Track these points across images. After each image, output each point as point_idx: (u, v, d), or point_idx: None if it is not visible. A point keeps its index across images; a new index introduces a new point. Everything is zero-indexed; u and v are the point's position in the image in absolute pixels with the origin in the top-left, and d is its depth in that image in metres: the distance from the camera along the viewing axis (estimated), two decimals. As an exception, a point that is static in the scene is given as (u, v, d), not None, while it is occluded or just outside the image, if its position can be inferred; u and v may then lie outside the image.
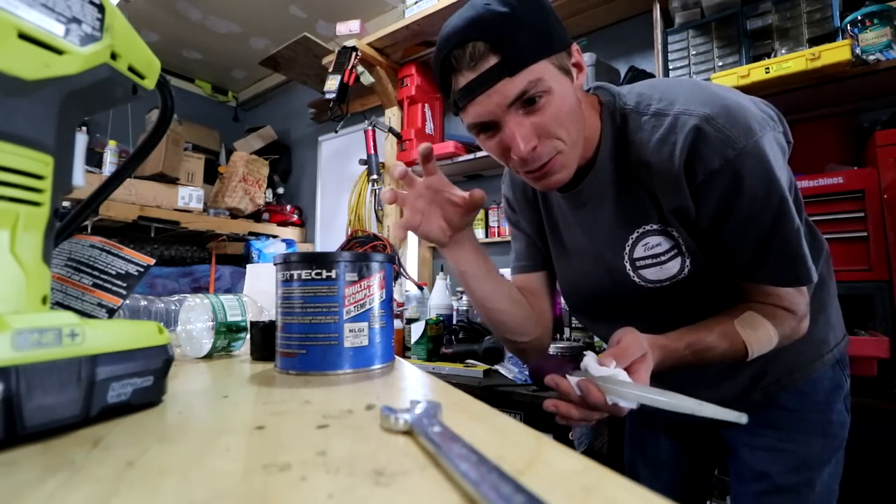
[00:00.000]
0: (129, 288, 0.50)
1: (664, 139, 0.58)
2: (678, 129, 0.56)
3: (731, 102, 0.57)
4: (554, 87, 0.56)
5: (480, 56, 0.54)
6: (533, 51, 0.54)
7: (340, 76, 2.02)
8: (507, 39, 0.53)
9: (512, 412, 1.18)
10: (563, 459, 0.23)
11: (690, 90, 0.60)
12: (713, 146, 0.54)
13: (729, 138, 0.54)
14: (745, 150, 0.54)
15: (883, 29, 1.21)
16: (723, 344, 0.59)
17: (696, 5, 1.52)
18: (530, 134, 0.56)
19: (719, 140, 0.54)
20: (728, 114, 0.55)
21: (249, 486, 0.20)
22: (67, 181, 0.31)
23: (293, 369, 0.47)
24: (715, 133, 0.54)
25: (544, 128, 0.57)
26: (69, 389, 0.26)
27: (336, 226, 3.08)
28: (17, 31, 0.26)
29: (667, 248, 0.63)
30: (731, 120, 0.55)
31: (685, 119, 0.56)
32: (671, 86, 0.62)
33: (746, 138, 0.54)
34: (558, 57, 0.57)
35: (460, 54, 0.55)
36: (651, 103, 0.61)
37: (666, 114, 0.58)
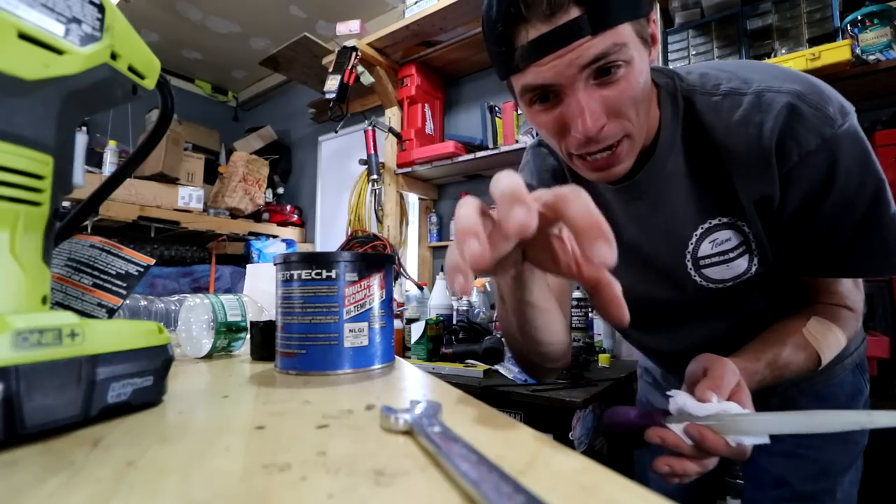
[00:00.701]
0: (129, 288, 0.50)
1: (748, 119, 0.51)
2: (765, 108, 0.50)
3: (814, 79, 0.51)
4: (635, 57, 0.48)
5: (560, 5, 0.44)
6: (621, 8, 0.45)
7: (340, 76, 2.02)
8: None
9: (512, 412, 1.18)
10: (563, 459, 0.23)
11: (759, 68, 0.54)
12: (809, 124, 0.48)
13: (827, 116, 0.48)
14: (842, 130, 0.48)
15: (883, 29, 1.21)
16: (798, 357, 0.54)
17: (696, 5, 1.52)
18: (600, 110, 0.48)
19: (816, 118, 0.48)
20: (820, 91, 0.50)
21: (249, 486, 0.20)
22: (67, 181, 0.31)
23: (293, 369, 0.47)
24: (810, 110, 0.49)
25: (616, 105, 0.48)
26: (69, 389, 0.26)
27: (336, 226, 3.08)
28: (17, 31, 0.26)
29: (736, 244, 0.57)
30: (824, 98, 0.49)
31: (772, 96, 0.50)
32: (738, 66, 0.56)
33: (843, 117, 0.49)
34: (640, 23, 0.48)
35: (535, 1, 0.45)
36: (720, 83, 0.54)
37: (742, 92, 0.52)
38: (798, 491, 0.68)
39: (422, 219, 2.45)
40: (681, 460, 0.44)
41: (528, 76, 0.48)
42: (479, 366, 1.42)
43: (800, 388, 0.68)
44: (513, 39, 0.48)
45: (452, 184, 2.42)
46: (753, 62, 0.58)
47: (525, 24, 0.46)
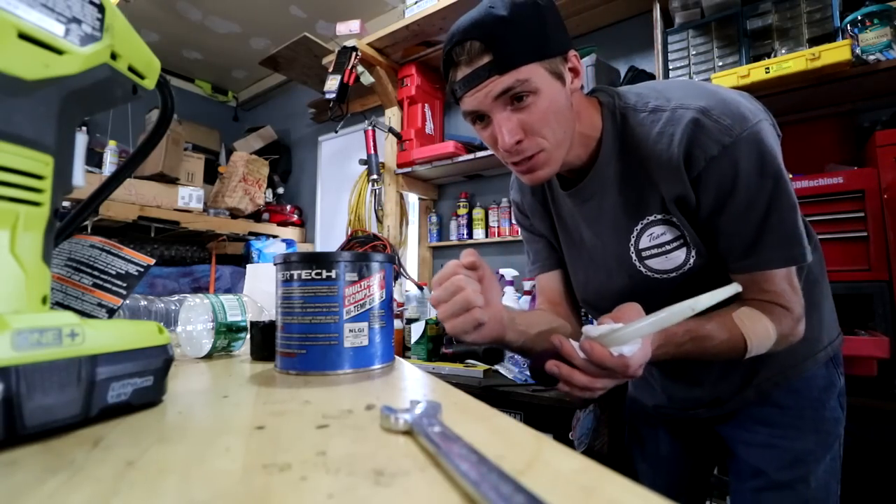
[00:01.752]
0: (129, 288, 0.50)
1: (663, 132, 0.61)
2: (675, 122, 0.60)
3: (724, 95, 0.61)
4: (542, 88, 0.60)
5: (475, 54, 0.59)
6: (524, 54, 0.59)
7: (340, 76, 2.02)
8: (500, 41, 0.58)
9: (512, 412, 1.18)
10: (563, 459, 0.23)
11: (685, 87, 0.64)
12: (711, 135, 0.58)
13: (725, 127, 0.58)
14: (741, 137, 0.57)
15: (883, 29, 1.21)
16: (722, 334, 0.60)
17: (696, 5, 1.52)
18: (516, 128, 0.61)
19: (716, 129, 0.58)
20: (723, 105, 0.59)
21: (249, 486, 0.20)
22: (67, 181, 0.31)
23: (293, 369, 0.47)
24: (711, 123, 0.58)
25: (530, 125, 0.61)
26: (69, 389, 0.26)
27: (336, 226, 3.08)
28: (17, 31, 0.26)
29: (671, 238, 0.66)
30: (725, 110, 0.58)
31: (682, 112, 0.60)
32: (667, 85, 0.67)
33: (742, 126, 0.58)
34: (551, 62, 0.61)
35: (460, 50, 0.60)
36: (649, 101, 0.65)
37: (663, 109, 0.62)
38: (774, 479, 0.72)
39: (422, 219, 2.45)
40: (570, 368, 0.53)
41: (465, 104, 0.64)
42: (479, 366, 1.42)
43: (773, 381, 0.73)
44: (453, 77, 0.63)
45: (452, 184, 2.42)
46: (683, 81, 0.68)
47: (457, 66, 0.62)
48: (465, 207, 2.24)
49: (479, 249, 2.26)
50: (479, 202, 2.27)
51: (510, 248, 2.16)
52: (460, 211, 2.25)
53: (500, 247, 2.18)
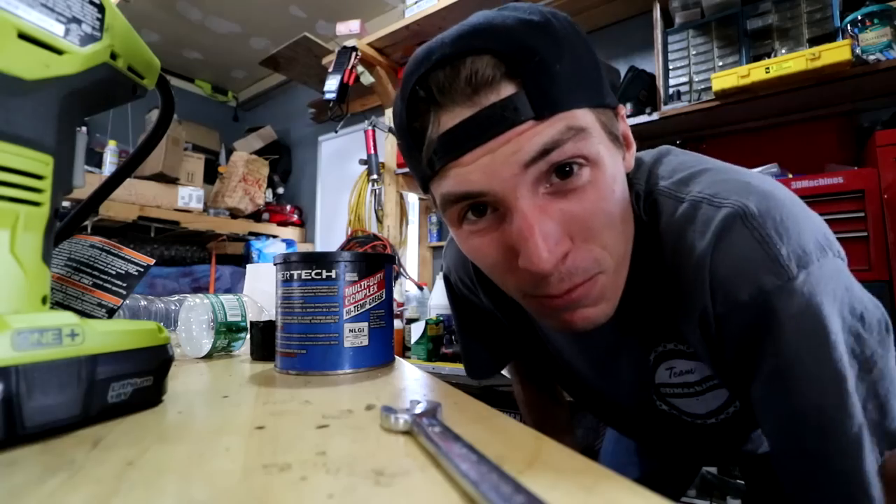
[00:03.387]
0: (129, 288, 0.50)
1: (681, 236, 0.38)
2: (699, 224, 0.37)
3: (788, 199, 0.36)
4: (603, 154, 0.35)
5: (486, 79, 0.32)
6: (576, 87, 0.34)
7: (340, 76, 2.02)
8: (535, 58, 0.32)
9: (512, 412, 1.18)
10: (563, 459, 0.23)
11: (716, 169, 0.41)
12: (743, 260, 0.34)
13: (774, 256, 0.33)
14: (796, 286, 0.33)
15: (883, 29, 1.21)
16: None
17: (696, 5, 1.52)
18: (558, 230, 0.34)
19: (757, 253, 0.34)
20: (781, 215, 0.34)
21: (249, 486, 0.20)
22: (67, 181, 0.31)
23: (293, 369, 0.47)
24: (751, 241, 0.34)
25: (583, 222, 0.34)
26: (69, 389, 0.26)
27: (336, 226, 3.08)
28: (17, 31, 0.26)
29: (702, 378, 0.45)
30: (783, 226, 0.34)
31: (708, 211, 0.37)
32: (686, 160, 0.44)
33: (800, 266, 0.33)
34: (606, 115, 0.37)
35: (450, 75, 0.33)
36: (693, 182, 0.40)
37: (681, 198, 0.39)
38: None
39: (422, 219, 2.45)
40: None
41: (449, 181, 0.35)
42: (479, 366, 1.42)
43: None
44: (424, 133, 0.35)
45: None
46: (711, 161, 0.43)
47: (439, 109, 0.34)
48: (465, 207, 2.24)
49: (479, 249, 2.25)
50: (479, 202, 2.27)
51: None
52: (460, 211, 2.25)
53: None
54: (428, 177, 0.37)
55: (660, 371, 0.47)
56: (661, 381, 0.48)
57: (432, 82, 0.33)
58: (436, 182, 0.37)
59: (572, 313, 0.37)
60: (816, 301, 0.32)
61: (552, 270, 0.34)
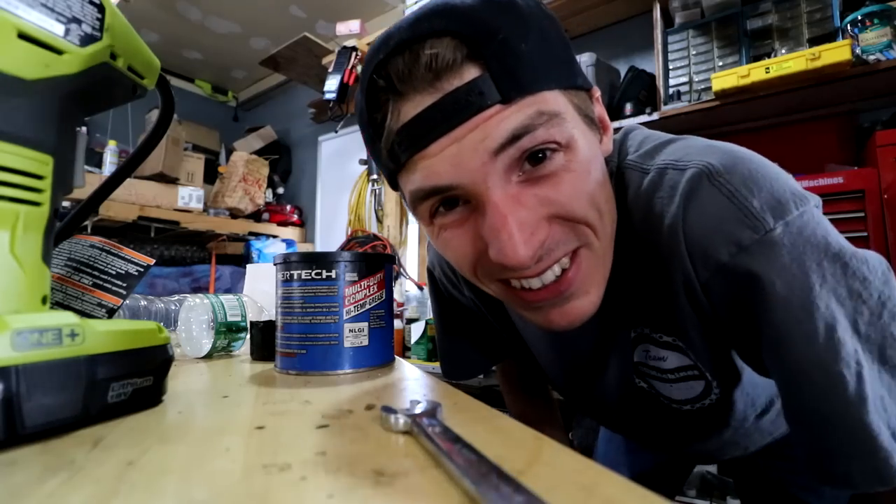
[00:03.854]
0: (129, 288, 0.50)
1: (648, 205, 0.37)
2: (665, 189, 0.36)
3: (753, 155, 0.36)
4: (577, 137, 0.33)
5: (448, 63, 0.30)
6: (545, 70, 0.32)
7: (340, 76, 2.02)
8: (498, 37, 0.30)
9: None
10: (563, 459, 0.23)
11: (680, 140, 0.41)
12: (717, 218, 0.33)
13: (748, 210, 0.32)
14: (774, 236, 0.32)
15: (883, 29, 1.21)
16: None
17: (696, 5, 1.52)
18: (534, 218, 0.32)
19: (729, 210, 0.33)
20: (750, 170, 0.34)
21: (249, 486, 0.20)
22: (67, 181, 0.31)
23: (293, 369, 0.47)
24: (721, 198, 0.33)
25: (562, 206, 0.33)
26: (69, 389, 0.26)
27: (336, 226, 3.08)
28: (17, 31, 0.26)
29: (675, 367, 0.43)
30: (751, 180, 0.33)
31: (674, 175, 0.36)
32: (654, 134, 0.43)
33: (776, 217, 0.32)
34: (579, 97, 0.35)
35: (409, 61, 0.31)
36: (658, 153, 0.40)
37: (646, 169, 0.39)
38: None
39: (422, 219, 2.45)
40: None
41: (416, 175, 0.33)
42: (479, 366, 1.42)
43: None
44: (383, 124, 0.34)
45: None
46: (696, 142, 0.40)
47: (399, 98, 0.32)
48: (465, 207, 2.24)
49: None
50: (479, 202, 2.27)
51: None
52: (460, 211, 2.25)
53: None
54: (393, 171, 0.35)
55: (637, 350, 0.46)
56: (638, 359, 0.46)
57: (391, 69, 0.32)
58: (403, 176, 0.35)
59: (559, 309, 0.35)
60: (798, 252, 0.31)
61: (529, 263, 0.32)
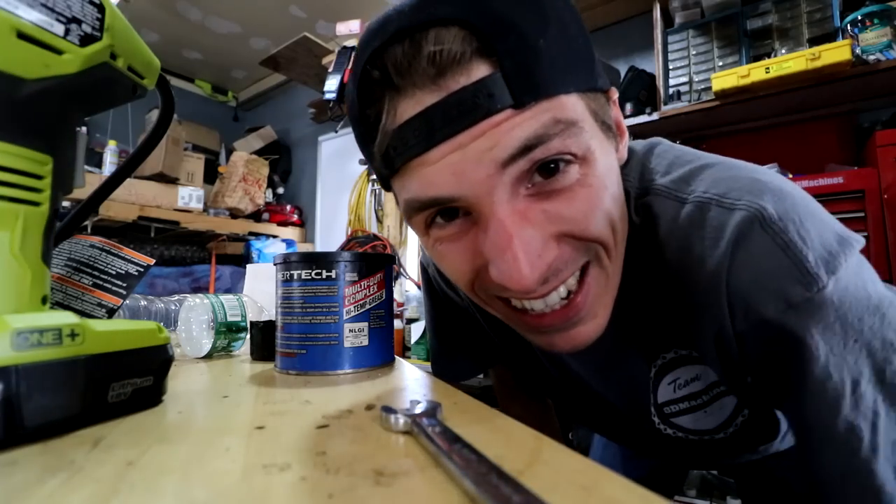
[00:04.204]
0: (129, 288, 0.50)
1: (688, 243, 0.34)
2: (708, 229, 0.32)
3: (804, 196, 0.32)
4: (596, 150, 0.30)
5: (454, 57, 0.26)
6: (565, 71, 0.28)
7: (340, 76, 2.02)
8: (514, 31, 0.27)
9: (512, 412, 1.18)
10: (563, 459, 0.23)
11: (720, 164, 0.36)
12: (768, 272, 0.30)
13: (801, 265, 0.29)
14: (826, 295, 0.29)
15: (883, 29, 1.21)
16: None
17: (696, 5, 1.52)
18: (541, 237, 0.29)
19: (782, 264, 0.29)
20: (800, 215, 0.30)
21: (249, 486, 0.20)
22: (67, 181, 0.31)
23: (293, 369, 0.47)
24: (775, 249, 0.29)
25: (573, 225, 0.30)
26: (69, 389, 0.26)
27: (336, 226, 3.08)
28: (17, 31, 0.26)
29: (707, 385, 0.41)
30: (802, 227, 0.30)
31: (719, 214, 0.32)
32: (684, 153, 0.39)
33: (829, 272, 0.29)
34: (598, 100, 0.32)
35: (409, 52, 0.27)
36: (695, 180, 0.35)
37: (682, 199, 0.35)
38: None
39: (422, 219, 2.45)
40: None
41: (412, 183, 0.30)
42: (479, 366, 1.42)
43: None
44: (378, 123, 0.30)
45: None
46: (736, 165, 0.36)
47: (396, 93, 0.28)
48: (465, 207, 2.24)
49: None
50: (479, 202, 2.27)
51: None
52: (460, 211, 2.25)
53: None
54: (387, 176, 0.32)
55: (662, 388, 0.42)
56: (664, 399, 0.43)
57: (388, 60, 0.27)
58: (397, 181, 0.31)
59: (562, 334, 0.33)
60: (844, 310, 0.29)
61: (534, 287, 0.29)
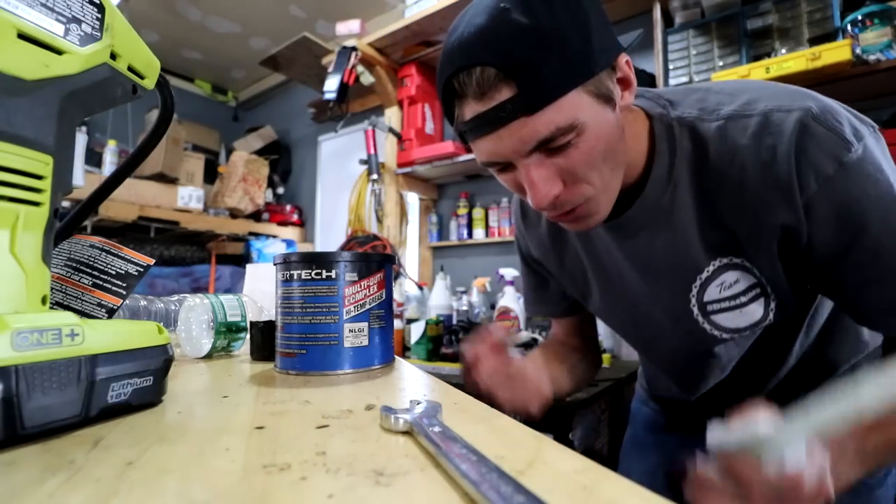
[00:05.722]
0: (129, 288, 0.50)
1: (759, 143, 0.46)
2: (775, 129, 0.45)
3: (825, 98, 0.47)
4: (587, 122, 0.44)
5: (490, 85, 0.42)
6: (563, 79, 0.42)
7: (340, 76, 2.02)
8: (525, 65, 0.41)
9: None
10: (563, 459, 0.23)
11: (764, 85, 0.50)
12: (825, 147, 0.44)
13: (843, 138, 0.44)
14: (860, 154, 0.44)
15: (883, 29, 1.21)
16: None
17: (696, 5, 1.52)
18: (553, 179, 0.46)
19: (831, 140, 0.44)
20: (833, 109, 0.46)
21: (249, 486, 0.20)
22: (67, 181, 0.31)
23: (293, 369, 0.47)
24: (824, 131, 0.44)
25: (572, 172, 0.46)
26: (69, 389, 0.26)
27: (336, 226, 3.08)
28: (17, 31, 0.26)
29: (746, 287, 0.52)
30: (838, 117, 0.45)
31: (781, 116, 0.45)
32: (736, 86, 0.52)
33: (858, 140, 0.44)
34: (597, 81, 0.44)
35: (466, 79, 0.43)
36: (721, 106, 0.49)
37: (749, 114, 0.47)
38: None
39: (422, 219, 2.45)
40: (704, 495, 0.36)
41: (477, 153, 0.49)
42: (479, 366, 1.42)
43: None
44: (459, 114, 0.47)
45: (452, 184, 2.42)
46: (750, 81, 0.54)
47: (462, 100, 0.45)
48: (465, 207, 2.24)
49: (480, 249, 2.26)
50: (480, 202, 2.27)
51: (510, 248, 2.16)
52: (460, 211, 2.25)
53: (500, 247, 2.18)
54: (465, 143, 0.50)
55: (710, 288, 0.54)
56: (710, 298, 0.54)
57: (455, 82, 0.44)
58: (472, 148, 0.49)
59: (575, 224, 0.52)
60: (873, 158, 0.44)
61: (547, 207, 0.48)
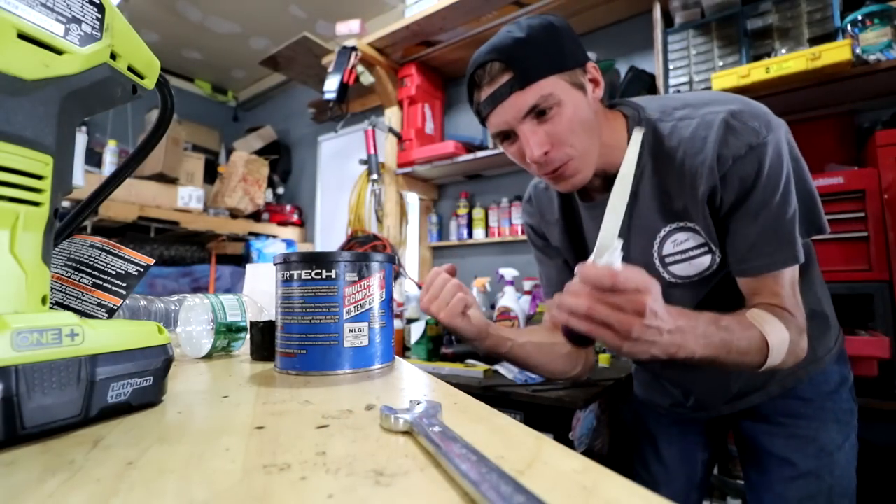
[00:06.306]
0: (129, 288, 0.50)
1: (695, 136, 0.64)
2: (706, 125, 0.63)
3: (750, 101, 0.64)
4: (564, 99, 0.63)
5: (496, 74, 0.63)
6: (542, 68, 0.62)
7: (340, 76, 2.02)
8: (519, 59, 0.62)
9: (512, 412, 1.18)
10: (563, 459, 0.23)
11: (705, 96, 0.67)
12: (740, 136, 0.61)
13: (753, 129, 0.61)
14: (766, 140, 0.60)
15: (883, 29, 1.21)
16: (741, 330, 0.57)
17: (696, 5, 1.52)
18: (543, 140, 0.64)
19: (745, 130, 0.61)
20: (751, 110, 0.63)
21: (249, 486, 0.20)
22: (67, 181, 0.31)
23: (293, 369, 0.47)
24: (740, 124, 0.61)
25: (556, 135, 0.64)
26: (69, 389, 0.26)
27: (336, 226, 3.08)
28: (17, 31, 0.26)
29: (694, 245, 0.68)
30: (753, 115, 0.62)
31: (712, 116, 0.63)
32: (684, 97, 0.70)
33: (767, 131, 0.61)
34: (571, 74, 0.64)
35: (482, 73, 0.65)
36: (675, 111, 0.67)
37: (691, 117, 0.65)
38: (801, 468, 0.74)
39: (422, 219, 2.45)
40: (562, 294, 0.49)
41: (491, 124, 0.67)
42: (479, 366, 1.42)
43: (796, 375, 0.76)
44: (477, 98, 0.67)
45: (452, 184, 2.42)
46: (700, 92, 0.75)
47: (479, 88, 0.66)
48: (465, 207, 2.24)
49: (480, 249, 2.26)
50: (480, 202, 2.27)
51: (510, 248, 2.16)
52: (460, 211, 2.25)
53: (501, 247, 2.18)
54: (482, 122, 0.69)
55: (666, 244, 0.70)
56: (667, 252, 0.70)
57: (476, 75, 0.66)
58: (486, 125, 0.69)
59: (563, 182, 0.68)
60: (780, 147, 0.61)
61: (540, 160, 0.65)
